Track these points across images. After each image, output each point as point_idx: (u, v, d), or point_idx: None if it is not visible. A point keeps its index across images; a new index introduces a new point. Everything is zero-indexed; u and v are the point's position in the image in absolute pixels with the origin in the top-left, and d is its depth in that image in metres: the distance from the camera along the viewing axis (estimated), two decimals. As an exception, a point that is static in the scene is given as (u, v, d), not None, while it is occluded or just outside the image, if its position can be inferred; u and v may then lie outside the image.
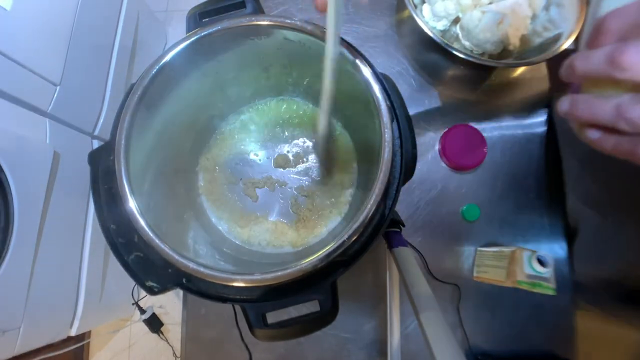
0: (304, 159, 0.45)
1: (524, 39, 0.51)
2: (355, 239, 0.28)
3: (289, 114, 0.46)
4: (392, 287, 0.45)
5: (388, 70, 0.57)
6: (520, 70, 0.57)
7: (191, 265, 0.28)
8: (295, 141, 0.46)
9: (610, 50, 0.19)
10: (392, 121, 0.30)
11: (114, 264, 0.74)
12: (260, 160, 0.45)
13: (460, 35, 0.52)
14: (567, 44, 0.47)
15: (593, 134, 0.22)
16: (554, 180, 0.53)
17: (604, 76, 0.20)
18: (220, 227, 0.44)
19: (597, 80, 0.21)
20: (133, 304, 1.15)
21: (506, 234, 0.52)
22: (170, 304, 1.24)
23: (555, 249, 0.51)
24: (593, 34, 0.21)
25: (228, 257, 0.40)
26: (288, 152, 0.45)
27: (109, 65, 0.99)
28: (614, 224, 0.38)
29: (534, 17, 0.51)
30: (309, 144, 0.45)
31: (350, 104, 0.41)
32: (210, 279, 0.28)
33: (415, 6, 0.52)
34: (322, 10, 0.25)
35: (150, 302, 1.21)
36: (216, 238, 0.42)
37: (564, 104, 0.23)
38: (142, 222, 0.29)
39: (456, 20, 0.53)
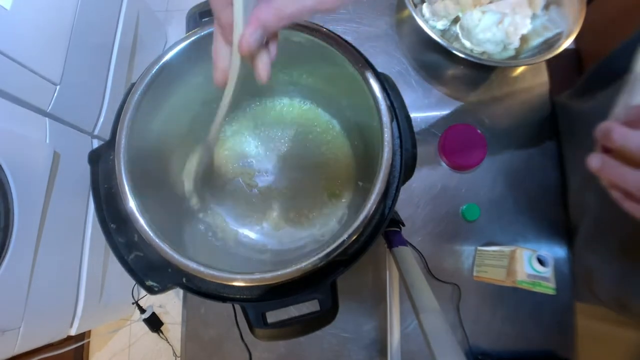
0: (305, 161, 0.45)
1: (524, 39, 0.51)
2: (355, 239, 0.28)
3: (288, 113, 0.46)
4: (392, 287, 0.45)
5: (388, 70, 0.57)
6: (520, 69, 0.57)
7: (191, 264, 0.28)
8: (294, 141, 0.46)
9: None
10: (392, 121, 0.30)
11: (114, 263, 0.75)
12: (259, 159, 0.45)
13: (460, 35, 0.52)
14: (566, 43, 0.47)
15: (618, 197, 0.26)
16: (554, 180, 0.53)
17: (636, 157, 0.23)
18: (219, 226, 0.43)
19: (629, 155, 0.24)
20: (133, 303, 1.15)
21: (506, 233, 0.52)
22: (170, 304, 1.24)
23: (555, 249, 0.51)
24: (633, 115, 0.25)
25: (227, 255, 0.40)
26: (287, 151, 0.45)
27: (109, 65, 0.99)
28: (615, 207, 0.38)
29: (534, 17, 0.51)
30: (308, 144, 0.45)
31: (350, 104, 0.41)
32: (210, 278, 0.28)
33: (415, 6, 0.52)
34: (221, 85, 0.26)
35: (150, 301, 1.21)
36: (215, 236, 0.42)
37: (596, 162, 0.26)
38: (142, 222, 0.29)
39: (456, 20, 0.53)
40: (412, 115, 0.53)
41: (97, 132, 0.97)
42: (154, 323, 1.18)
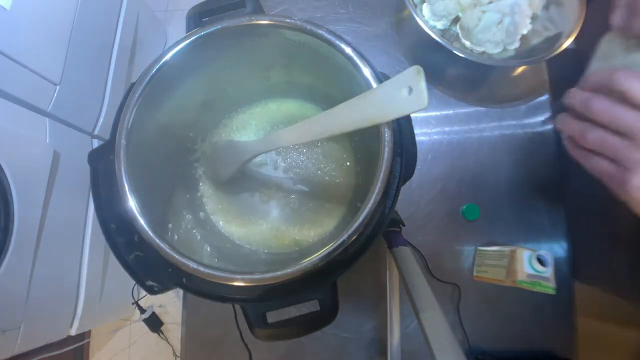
0: (304, 161, 0.45)
1: (524, 39, 0.51)
2: (355, 239, 0.28)
3: (289, 114, 0.46)
4: (392, 287, 0.45)
5: (388, 70, 0.57)
6: (520, 69, 0.57)
7: (191, 264, 0.28)
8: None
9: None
10: (391, 121, 0.30)
11: (114, 264, 0.74)
12: (260, 161, 0.45)
13: (460, 35, 0.52)
14: (567, 43, 0.47)
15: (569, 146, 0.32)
16: (555, 180, 0.53)
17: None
18: (219, 226, 0.44)
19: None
20: (133, 303, 1.15)
21: (506, 233, 0.52)
22: (170, 304, 1.24)
23: (555, 249, 0.51)
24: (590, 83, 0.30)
25: (228, 256, 0.40)
26: (288, 153, 0.45)
27: (109, 65, 0.99)
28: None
29: (534, 17, 0.51)
30: (309, 145, 0.45)
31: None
32: (210, 278, 0.28)
33: (415, 5, 0.52)
34: None
35: (150, 301, 1.21)
36: (215, 237, 0.42)
37: (560, 120, 0.32)
38: (142, 222, 0.28)
39: (456, 20, 0.53)
40: (412, 115, 0.53)
41: (97, 132, 0.97)
42: (154, 323, 1.18)
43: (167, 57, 0.32)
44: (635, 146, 0.26)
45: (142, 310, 1.17)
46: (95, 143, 0.97)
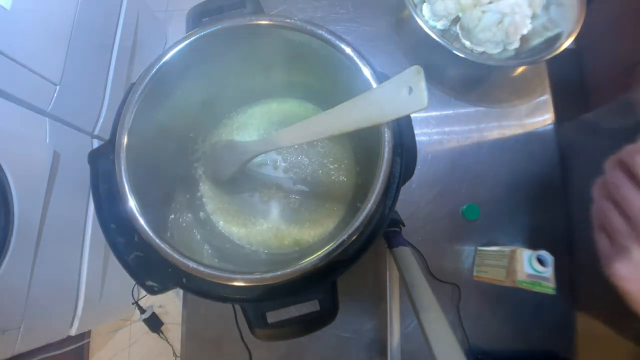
0: (304, 161, 0.45)
1: (524, 39, 0.51)
2: (355, 239, 0.28)
3: (289, 114, 0.46)
4: (392, 287, 0.45)
5: (388, 70, 0.57)
6: (520, 69, 0.57)
7: (191, 264, 0.28)
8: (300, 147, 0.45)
9: None
10: (391, 121, 0.30)
11: (114, 264, 0.74)
12: (260, 161, 0.45)
13: (460, 35, 0.52)
14: (567, 43, 0.47)
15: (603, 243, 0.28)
16: (555, 179, 0.53)
17: None
18: (219, 226, 0.44)
19: None
20: (133, 303, 1.15)
21: (506, 233, 0.52)
22: (170, 304, 1.24)
23: (556, 249, 0.51)
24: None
25: (228, 256, 0.40)
26: (288, 153, 0.45)
27: (109, 65, 0.99)
28: None
29: (534, 17, 0.51)
30: (309, 145, 0.45)
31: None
32: (210, 278, 0.28)
33: (415, 6, 0.52)
34: None
35: (150, 301, 1.21)
36: (215, 237, 0.42)
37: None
38: (142, 222, 0.29)
39: (456, 20, 0.53)
40: (412, 115, 0.53)
41: (97, 132, 0.97)
42: (154, 323, 1.18)
43: (167, 57, 0.32)
44: (634, 232, 0.25)
45: (142, 311, 1.16)
46: (95, 143, 0.97)
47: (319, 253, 0.27)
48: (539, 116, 0.55)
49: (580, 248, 0.50)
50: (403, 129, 0.31)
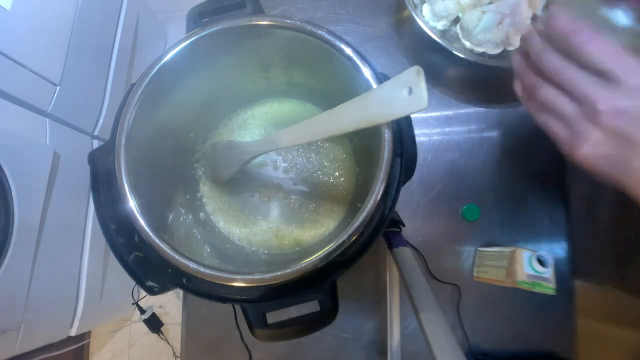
0: (305, 161, 0.45)
1: (524, 39, 0.51)
2: (355, 239, 0.28)
3: (289, 114, 0.46)
4: (392, 287, 0.45)
5: (388, 70, 0.57)
6: (520, 70, 0.57)
7: (191, 265, 0.28)
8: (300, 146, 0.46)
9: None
10: (391, 121, 0.30)
11: (114, 264, 0.74)
12: (260, 161, 0.45)
13: (460, 35, 0.52)
14: (567, 44, 0.46)
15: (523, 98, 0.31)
16: (555, 180, 0.53)
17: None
18: (219, 227, 0.44)
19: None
20: (133, 304, 1.15)
21: (506, 234, 0.52)
22: (170, 304, 1.24)
23: (555, 249, 0.51)
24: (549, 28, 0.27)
25: (228, 256, 0.40)
26: (288, 153, 0.45)
27: (109, 65, 0.99)
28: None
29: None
30: (309, 145, 0.45)
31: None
32: (210, 279, 0.28)
33: (415, 6, 0.52)
34: None
35: (150, 302, 1.21)
36: (216, 237, 0.42)
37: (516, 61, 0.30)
38: (142, 222, 0.29)
39: (456, 20, 0.53)
40: (412, 115, 0.53)
41: (97, 132, 0.97)
42: (154, 323, 1.18)
43: (167, 57, 0.32)
44: (586, 114, 0.24)
45: (142, 311, 1.16)
46: (95, 143, 0.97)
47: (319, 253, 0.27)
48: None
49: (580, 248, 0.50)
50: (403, 129, 0.31)
